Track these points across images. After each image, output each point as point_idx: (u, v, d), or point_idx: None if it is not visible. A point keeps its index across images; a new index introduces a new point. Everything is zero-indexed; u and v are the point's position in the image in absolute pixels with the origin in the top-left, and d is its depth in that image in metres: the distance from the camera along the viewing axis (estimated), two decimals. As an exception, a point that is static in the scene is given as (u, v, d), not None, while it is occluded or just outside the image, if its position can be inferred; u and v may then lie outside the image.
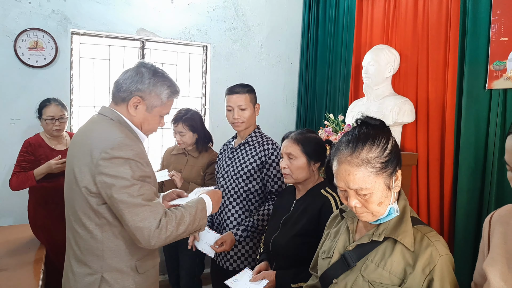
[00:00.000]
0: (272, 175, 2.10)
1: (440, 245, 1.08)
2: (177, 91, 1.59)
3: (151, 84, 1.50)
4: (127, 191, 1.34)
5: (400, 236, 1.10)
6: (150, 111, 1.53)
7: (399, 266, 1.09)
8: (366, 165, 1.09)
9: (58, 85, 3.39)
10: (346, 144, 1.13)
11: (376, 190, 1.10)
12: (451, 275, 1.07)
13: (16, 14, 3.19)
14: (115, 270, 1.46)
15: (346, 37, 3.68)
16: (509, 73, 2.37)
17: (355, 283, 1.13)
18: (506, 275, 0.92)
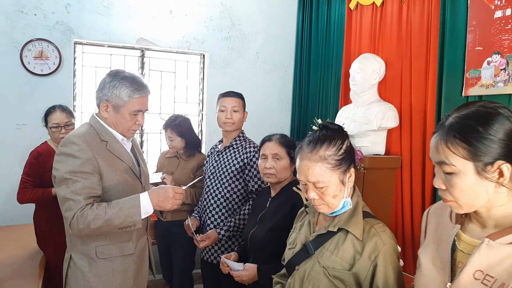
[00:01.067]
0: (253, 176, 2.26)
1: (384, 235, 1.23)
2: (138, 89, 1.68)
3: (111, 87, 1.66)
4: (62, 184, 1.55)
5: (351, 227, 1.26)
6: (117, 111, 1.68)
7: (349, 253, 1.24)
8: (323, 161, 1.25)
9: (62, 92, 3.57)
10: (308, 143, 1.30)
11: (331, 184, 1.26)
12: (394, 262, 1.22)
13: (22, 25, 3.39)
14: (78, 251, 1.66)
15: (337, 45, 3.84)
16: (483, 81, 2.51)
17: (313, 269, 1.28)
18: (434, 258, 1.06)
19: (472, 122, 0.93)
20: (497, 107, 0.93)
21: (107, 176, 1.64)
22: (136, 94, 1.68)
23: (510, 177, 0.91)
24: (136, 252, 1.76)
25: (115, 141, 1.72)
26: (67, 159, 1.57)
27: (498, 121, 0.91)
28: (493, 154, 0.90)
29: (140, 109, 1.72)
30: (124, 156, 1.74)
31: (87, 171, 1.57)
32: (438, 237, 1.09)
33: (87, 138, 1.63)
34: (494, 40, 2.45)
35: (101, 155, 1.64)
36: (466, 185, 0.93)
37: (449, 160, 0.94)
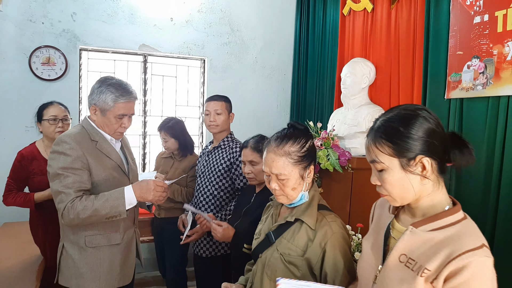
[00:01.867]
0: (239, 174, 2.39)
1: (334, 225, 1.36)
2: (123, 94, 1.83)
3: (98, 93, 1.84)
4: (55, 178, 1.72)
5: (306, 217, 1.38)
6: (104, 114, 1.85)
7: (303, 241, 1.36)
8: (287, 156, 1.39)
9: (68, 96, 3.75)
10: (275, 139, 1.43)
11: (292, 177, 1.39)
12: (343, 248, 1.34)
13: (30, 33, 3.59)
14: (69, 241, 1.83)
15: (331, 50, 3.96)
16: (464, 84, 2.60)
17: (272, 256, 1.41)
18: (373, 245, 1.17)
19: (395, 124, 1.05)
20: (417, 109, 1.05)
21: (96, 172, 1.80)
22: (121, 100, 1.83)
23: (431, 170, 1.03)
24: (123, 242, 1.91)
25: (104, 141, 1.88)
26: (59, 157, 1.73)
27: (418, 122, 1.03)
28: (415, 150, 1.02)
29: (124, 113, 1.86)
30: (113, 155, 1.90)
31: (77, 167, 1.73)
32: (379, 226, 1.20)
33: (78, 138, 1.80)
34: (473, 45, 2.54)
35: (90, 153, 1.80)
36: (394, 179, 1.05)
37: (379, 158, 1.06)
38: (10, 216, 3.57)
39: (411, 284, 0.98)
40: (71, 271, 1.82)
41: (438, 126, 1.05)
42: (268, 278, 1.41)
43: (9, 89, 3.56)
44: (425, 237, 1.01)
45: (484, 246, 0.95)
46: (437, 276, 0.94)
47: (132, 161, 2.08)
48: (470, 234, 0.98)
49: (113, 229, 1.86)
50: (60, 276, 1.86)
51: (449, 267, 0.93)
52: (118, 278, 1.90)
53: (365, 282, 1.15)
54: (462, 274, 0.91)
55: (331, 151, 3.02)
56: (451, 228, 1.00)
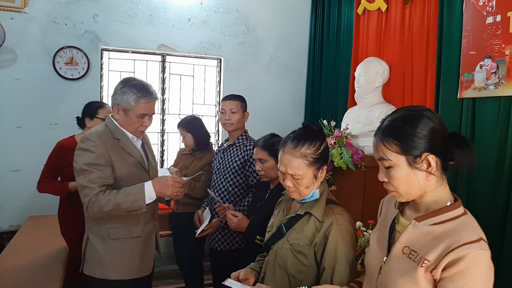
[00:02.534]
0: (252, 171, 2.48)
1: (340, 217, 1.44)
2: (144, 95, 1.92)
3: (121, 94, 1.93)
4: (81, 174, 1.83)
5: (314, 210, 1.47)
6: (126, 114, 1.94)
7: (311, 232, 1.45)
8: (303, 158, 1.46)
9: (90, 95, 3.89)
10: (292, 140, 1.50)
11: (306, 177, 1.47)
12: (345, 240, 1.41)
13: (54, 34, 3.74)
14: (93, 232, 1.94)
15: (346, 49, 4.01)
16: (476, 84, 2.63)
17: (283, 247, 1.50)
18: (379, 238, 1.25)
19: (401, 123, 1.12)
20: (422, 110, 1.12)
21: (118, 168, 1.91)
22: (142, 100, 1.92)
23: (436, 167, 1.10)
24: (143, 235, 2.01)
25: (126, 139, 1.98)
26: (85, 153, 1.85)
27: (423, 121, 1.10)
28: (420, 148, 1.09)
29: (145, 113, 1.96)
30: (134, 152, 2.00)
31: (101, 164, 1.85)
32: (385, 220, 1.28)
33: (102, 136, 1.91)
34: (486, 45, 2.57)
35: (113, 150, 1.90)
36: (401, 175, 1.12)
37: (386, 156, 1.13)
38: (36, 209, 3.74)
39: (412, 274, 1.05)
40: (94, 261, 1.93)
41: (441, 125, 1.11)
42: (279, 267, 1.49)
43: (34, 88, 3.72)
44: (427, 231, 1.08)
45: (482, 240, 1.02)
46: (436, 266, 1.01)
47: (152, 158, 2.17)
48: (469, 228, 1.04)
49: (134, 222, 1.96)
50: (85, 266, 1.97)
51: (447, 258, 1.00)
52: (138, 268, 1.99)
53: (371, 272, 1.22)
54: (459, 264, 0.98)
55: (344, 150, 3.09)
56: (451, 222, 1.07)
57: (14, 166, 3.70)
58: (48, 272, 2.44)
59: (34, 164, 3.72)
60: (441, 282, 1.01)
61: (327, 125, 3.49)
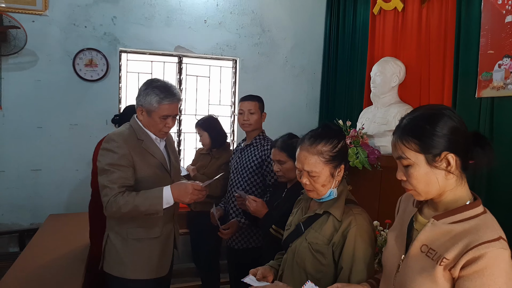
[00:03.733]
0: (270, 171, 2.49)
1: (360, 217, 1.44)
2: (167, 96, 1.92)
3: (145, 95, 1.94)
4: (103, 173, 1.86)
5: (333, 210, 1.48)
6: (149, 115, 1.95)
7: (329, 231, 1.46)
8: (319, 155, 1.48)
9: (109, 96, 3.98)
10: (309, 137, 1.52)
11: (322, 174, 1.48)
12: (364, 241, 1.41)
13: (74, 36, 3.83)
14: (114, 231, 1.98)
15: (362, 49, 4.00)
16: (495, 83, 2.60)
17: (301, 245, 1.52)
18: (397, 236, 1.25)
19: (421, 122, 1.12)
20: (441, 109, 1.13)
21: (140, 169, 1.92)
22: (165, 101, 1.92)
23: (456, 165, 1.10)
24: (162, 236, 2.03)
25: (149, 140, 2.00)
26: (108, 154, 1.88)
27: (443, 120, 1.10)
28: (440, 147, 1.09)
29: (168, 114, 1.96)
30: (157, 153, 2.01)
31: (123, 164, 1.87)
32: (403, 219, 1.28)
33: (125, 136, 1.93)
34: (504, 44, 2.54)
35: (136, 151, 1.92)
36: (420, 174, 1.12)
37: (405, 155, 1.14)
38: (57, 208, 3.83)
39: (431, 272, 1.06)
40: (114, 259, 1.96)
41: (462, 124, 1.11)
42: (298, 266, 1.51)
43: (55, 89, 3.80)
44: (445, 229, 1.09)
45: (501, 239, 1.02)
46: (455, 264, 1.02)
47: (175, 159, 2.18)
48: (488, 227, 1.04)
49: (153, 223, 1.98)
50: (105, 264, 2.00)
51: (466, 257, 1.00)
52: (156, 268, 2.01)
53: (389, 271, 1.23)
54: (477, 263, 0.99)
55: (360, 149, 3.09)
56: (471, 221, 1.07)
57: (35, 165, 3.80)
58: (69, 270, 2.49)
59: (55, 164, 3.83)
60: (459, 280, 1.02)
61: (342, 125, 3.50)
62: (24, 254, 2.73)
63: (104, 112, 3.89)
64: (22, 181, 3.77)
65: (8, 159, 3.72)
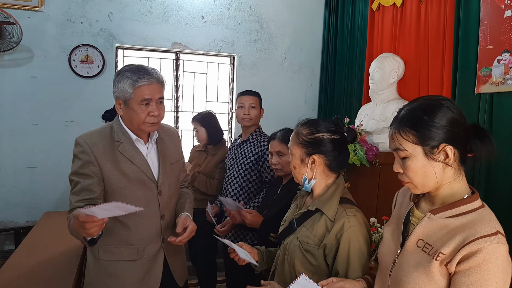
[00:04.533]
0: (266, 167, 2.47)
1: (353, 219, 1.39)
2: (141, 76, 1.59)
3: (116, 83, 1.62)
4: (70, 184, 1.60)
5: (325, 209, 1.43)
6: (127, 106, 1.61)
7: (321, 231, 1.42)
8: (296, 135, 1.51)
9: (105, 92, 3.93)
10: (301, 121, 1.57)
11: (292, 155, 1.51)
12: (358, 243, 1.36)
13: (70, 32, 3.79)
14: (89, 248, 1.70)
15: (360, 45, 3.97)
16: (494, 79, 2.58)
17: (292, 243, 1.48)
18: (394, 231, 1.23)
19: (419, 113, 1.09)
20: (440, 100, 1.10)
21: (112, 178, 1.61)
22: (140, 83, 1.59)
23: (454, 158, 1.07)
24: (142, 259, 1.69)
25: (128, 142, 1.67)
26: (73, 160, 1.62)
27: (442, 111, 1.07)
28: (438, 139, 1.06)
29: (148, 98, 1.60)
30: (136, 158, 1.66)
31: (86, 173, 1.57)
32: (399, 213, 1.25)
33: (94, 138, 1.62)
34: (504, 39, 2.51)
35: (107, 157, 1.61)
36: (417, 166, 1.09)
37: (402, 146, 1.11)
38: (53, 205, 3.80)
39: (427, 267, 1.03)
40: (87, 278, 1.72)
41: (461, 116, 1.08)
42: (287, 263, 1.47)
43: (51, 85, 3.77)
44: (442, 223, 1.06)
45: (499, 233, 0.99)
46: (451, 259, 0.99)
47: (170, 166, 1.81)
48: (486, 221, 1.01)
49: (127, 242, 1.66)
50: (84, 282, 1.76)
51: (463, 251, 0.97)
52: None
53: (384, 266, 1.20)
54: (474, 258, 0.96)
55: (358, 146, 3.05)
56: (468, 215, 1.04)
57: (31, 162, 3.77)
58: (63, 267, 2.46)
59: (50, 161, 3.80)
60: (455, 275, 0.99)
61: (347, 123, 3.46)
62: (18, 251, 2.70)
63: (100, 109, 3.79)
64: (18, 178, 3.74)
65: (3, 156, 3.68)
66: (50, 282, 2.26)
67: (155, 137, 1.76)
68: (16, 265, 2.44)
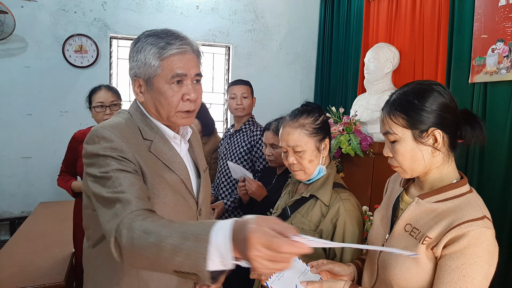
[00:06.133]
0: (259, 157, 2.47)
1: (347, 203, 1.40)
2: (170, 43, 1.10)
3: (134, 55, 1.14)
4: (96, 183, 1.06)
5: (320, 194, 1.43)
6: (151, 87, 1.13)
7: (316, 217, 1.42)
8: (302, 127, 1.43)
9: (99, 82, 3.81)
10: (290, 115, 1.49)
11: (308, 148, 1.43)
12: (352, 227, 1.38)
13: (64, 22, 3.76)
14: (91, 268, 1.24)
15: (356, 36, 3.95)
16: (488, 68, 2.57)
17: None
18: (383, 217, 1.23)
19: (410, 97, 1.09)
20: (432, 84, 1.10)
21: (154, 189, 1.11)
22: (169, 51, 1.10)
23: (443, 143, 1.07)
24: None
25: (161, 141, 1.17)
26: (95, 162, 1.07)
27: (432, 95, 1.07)
28: (428, 123, 1.06)
29: (181, 73, 1.11)
30: (175, 164, 1.17)
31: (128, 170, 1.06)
32: (390, 199, 1.26)
33: (125, 131, 1.11)
34: (498, 28, 2.50)
35: (144, 160, 1.10)
36: (406, 150, 1.09)
37: (392, 130, 1.11)
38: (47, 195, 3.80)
39: (413, 251, 1.03)
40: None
41: (452, 101, 1.08)
42: None
43: (45, 75, 3.75)
44: (430, 208, 1.06)
45: (486, 218, 1.00)
46: (437, 243, 1.00)
47: (205, 172, 1.34)
48: (472, 206, 1.02)
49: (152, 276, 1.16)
50: None
51: (448, 235, 0.98)
52: None
53: (373, 251, 1.21)
54: (460, 242, 0.96)
55: (352, 136, 3.06)
56: (455, 200, 1.05)
57: (25, 153, 3.76)
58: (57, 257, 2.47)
59: (45, 151, 3.79)
60: (441, 259, 1.00)
61: (335, 112, 3.46)
62: (12, 241, 2.71)
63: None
64: (12, 169, 3.73)
65: (-3, 147, 3.68)
66: (43, 271, 2.27)
67: (189, 134, 1.29)
68: (10, 254, 2.45)
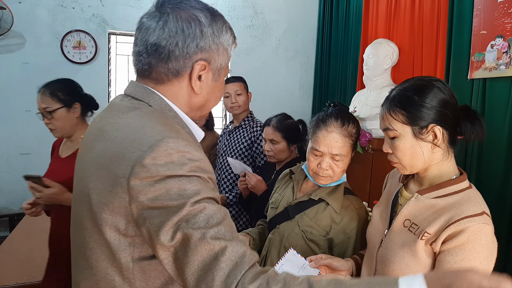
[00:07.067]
0: (259, 152, 2.47)
1: (361, 211, 1.41)
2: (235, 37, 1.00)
3: (215, 32, 0.90)
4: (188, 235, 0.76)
5: (331, 200, 1.41)
6: (217, 78, 0.92)
7: (326, 222, 1.40)
8: (350, 137, 1.38)
9: (98, 78, 3.92)
10: (336, 118, 1.38)
11: (346, 158, 1.40)
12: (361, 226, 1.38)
13: (62, 18, 3.75)
14: None
15: (355, 31, 3.95)
16: (487, 64, 2.57)
17: (292, 231, 1.44)
18: (382, 212, 1.23)
19: (410, 93, 1.09)
20: (432, 80, 1.09)
21: None
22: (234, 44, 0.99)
23: (442, 139, 1.07)
24: None
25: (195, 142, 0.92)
26: (176, 182, 0.75)
27: (432, 92, 1.07)
28: (427, 119, 1.06)
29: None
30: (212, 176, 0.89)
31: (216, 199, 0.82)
32: (389, 195, 1.26)
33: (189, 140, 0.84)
34: (497, 24, 2.50)
35: None
36: (405, 146, 1.09)
37: (392, 126, 1.11)
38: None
39: (412, 247, 1.04)
40: None
41: (452, 98, 1.08)
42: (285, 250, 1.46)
43: (43, 72, 3.72)
44: (429, 204, 1.07)
45: (485, 214, 1.00)
46: (436, 239, 1.00)
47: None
48: (472, 202, 1.02)
49: None
50: None
51: (447, 231, 0.98)
52: None
53: (372, 246, 1.21)
54: (459, 237, 0.97)
55: (351, 132, 3.06)
56: (455, 196, 1.05)
57: (24, 149, 3.75)
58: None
59: (44, 148, 3.76)
60: (440, 255, 1.00)
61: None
62: (11, 237, 2.70)
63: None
64: (12, 165, 3.73)
65: (-4, 143, 3.67)
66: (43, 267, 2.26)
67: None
68: (9, 250, 2.45)
